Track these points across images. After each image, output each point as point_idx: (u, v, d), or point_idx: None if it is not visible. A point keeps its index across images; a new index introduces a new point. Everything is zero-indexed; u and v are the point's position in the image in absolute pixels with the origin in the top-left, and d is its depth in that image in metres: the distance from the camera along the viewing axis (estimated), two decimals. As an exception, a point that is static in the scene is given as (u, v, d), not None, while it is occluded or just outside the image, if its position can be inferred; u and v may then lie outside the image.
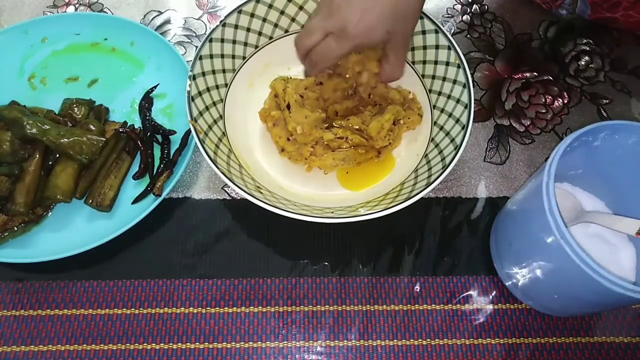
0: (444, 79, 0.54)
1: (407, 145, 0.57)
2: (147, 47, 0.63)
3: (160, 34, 0.66)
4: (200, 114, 0.51)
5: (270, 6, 0.57)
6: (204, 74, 0.53)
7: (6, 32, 0.63)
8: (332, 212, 0.48)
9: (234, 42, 0.56)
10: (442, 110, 0.54)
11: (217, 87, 0.55)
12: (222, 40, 0.55)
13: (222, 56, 0.56)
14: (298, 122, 0.53)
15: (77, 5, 0.71)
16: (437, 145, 0.52)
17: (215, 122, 0.53)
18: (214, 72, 0.55)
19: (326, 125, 0.55)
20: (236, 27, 0.56)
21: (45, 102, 0.60)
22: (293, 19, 0.59)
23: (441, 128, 0.53)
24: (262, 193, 0.49)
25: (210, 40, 0.54)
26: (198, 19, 0.70)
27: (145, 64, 0.64)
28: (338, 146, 0.55)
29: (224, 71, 0.56)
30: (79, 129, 0.55)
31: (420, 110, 0.56)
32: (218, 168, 0.47)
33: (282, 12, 0.58)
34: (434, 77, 0.56)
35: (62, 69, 0.63)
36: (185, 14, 0.70)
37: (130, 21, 0.64)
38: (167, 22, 0.69)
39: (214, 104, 0.54)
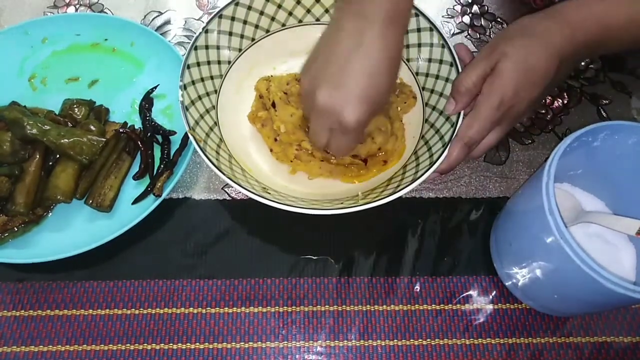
0: (430, 60, 0.55)
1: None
2: (148, 48, 0.63)
3: (161, 34, 0.66)
4: (197, 122, 0.51)
5: (249, 8, 0.57)
6: (193, 82, 0.53)
7: (6, 32, 0.63)
8: (342, 203, 0.48)
9: (218, 47, 0.56)
10: (432, 91, 0.54)
11: (207, 94, 0.55)
12: (207, 47, 0.55)
13: (209, 63, 0.56)
14: (282, 120, 0.53)
15: (77, 6, 0.71)
16: (432, 125, 0.52)
17: (211, 129, 0.53)
18: (202, 79, 0.55)
19: None
20: (219, 32, 0.56)
21: (45, 102, 0.60)
22: (273, 18, 0.59)
23: (434, 108, 0.53)
24: (270, 193, 0.49)
25: (195, 48, 0.54)
26: (198, 19, 0.70)
27: (146, 64, 0.64)
28: (326, 159, 0.54)
29: (212, 77, 0.56)
30: (79, 130, 0.55)
31: (412, 92, 0.57)
32: (224, 174, 0.47)
33: (261, 13, 0.58)
34: (419, 60, 0.56)
35: (63, 69, 0.63)
36: (186, 14, 0.70)
37: (131, 22, 0.64)
38: (168, 22, 0.69)
39: (207, 111, 0.54)
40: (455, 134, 0.48)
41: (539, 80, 0.46)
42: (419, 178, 0.47)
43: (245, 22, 0.58)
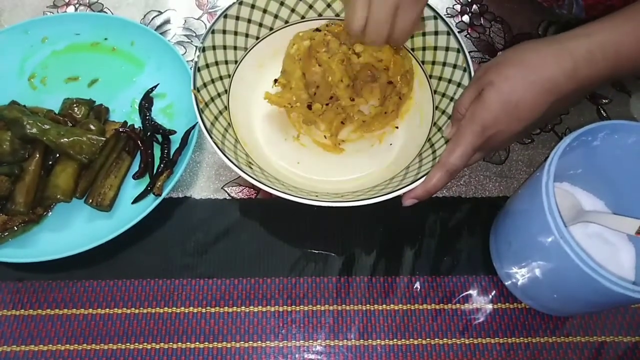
0: (444, 64, 0.55)
1: (409, 130, 0.58)
2: (147, 47, 0.63)
3: (160, 33, 0.66)
4: (205, 85, 0.52)
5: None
6: (214, 47, 0.54)
7: (6, 32, 0.63)
8: (342, 197, 0.49)
9: (249, 21, 0.57)
10: (443, 95, 0.54)
11: (226, 62, 0.56)
12: (237, 18, 0.56)
13: (236, 33, 0.56)
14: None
15: (77, 5, 0.71)
16: (440, 129, 0.52)
17: (219, 95, 0.54)
18: (224, 47, 0.55)
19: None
20: (253, 6, 0.57)
21: (45, 102, 0.60)
22: (311, 6, 0.59)
23: (443, 112, 0.53)
24: (251, 169, 0.49)
25: (225, 16, 0.55)
26: (198, 18, 0.70)
27: (146, 63, 0.64)
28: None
29: (235, 48, 0.57)
30: (79, 129, 0.55)
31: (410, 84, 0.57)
32: (212, 138, 0.48)
33: (281, 3, 0.58)
34: (433, 62, 0.56)
35: (62, 68, 0.63)
36: (185, 13, 0.70)
37: (130, 21, 0.64)
38: (167, 22, 0.69)
39: (221, 78, 0.55)
40: (437, 160, 0.48)
41: (523, 116, 0.43)
42: (419, 179, 0.47)
43: (282, 4, 0.58)
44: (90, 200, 0.54)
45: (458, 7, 0.71)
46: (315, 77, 0.54)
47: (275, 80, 0.58)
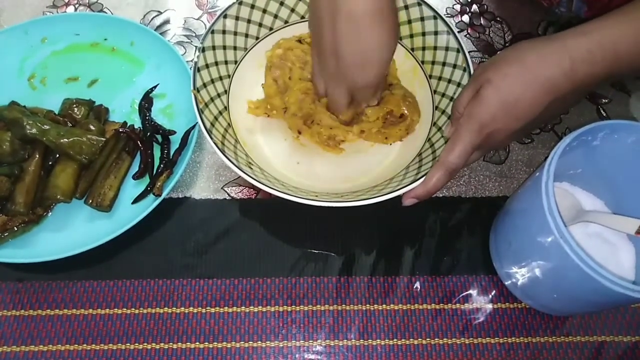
0: (444, 64, 0.55)
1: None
2: (147, 47, 0.63)
3: (160, 34, 0.66)
4: (205, 85, 0.52)
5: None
6: (214, 47, 0.54)
7: (6, 32, 0.63)
8: (341, 197, 0.48)
9: (249, 21, 0.57)
10: (443, 95, 0.54)
11: (225, 62, 0.56)
12: (237, 18, 0.56)
13: (235, 33, 0.56)
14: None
15: (76, 6, 0.71)
16: (439, 129, 0.52)
17: (218, 95, 0.54)
18: (224, 47, 0.55)
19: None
20: (252, 6, 0.57)
21: (45, 102, 0.60)
22: (292, 10, 0.59)
23: (443, 112, 0.53)
24: (251, 169, 0.49)
25: (225, 17, 0.55)
26: (198, 19, 0.70)
27: (145, 64, 0.64)
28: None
29: (235, 48, 0.57)
30: (79, 129, 0.55)
31: (417, 113, 0.56)
32: (212, 138, 0.48)
33: (281, 3, 0.58)
34: (433, 62, 0.56)
35: (62, 69, 0.63)
36: (185, 14, 0.70)
37: (130, 21, 0.64)
38: (167, 22, 0.69)
39: (220, 78, 0.55)
40: (436, 159, 0.47)
41: (521, 114, 0.43)
42: (419, 179, 0.47)
43: (282, 4, 0.58)
44: (90, 201, 0.54)
45: (458, 7, 0.71)
46: (284, 86, 0.56)
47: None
